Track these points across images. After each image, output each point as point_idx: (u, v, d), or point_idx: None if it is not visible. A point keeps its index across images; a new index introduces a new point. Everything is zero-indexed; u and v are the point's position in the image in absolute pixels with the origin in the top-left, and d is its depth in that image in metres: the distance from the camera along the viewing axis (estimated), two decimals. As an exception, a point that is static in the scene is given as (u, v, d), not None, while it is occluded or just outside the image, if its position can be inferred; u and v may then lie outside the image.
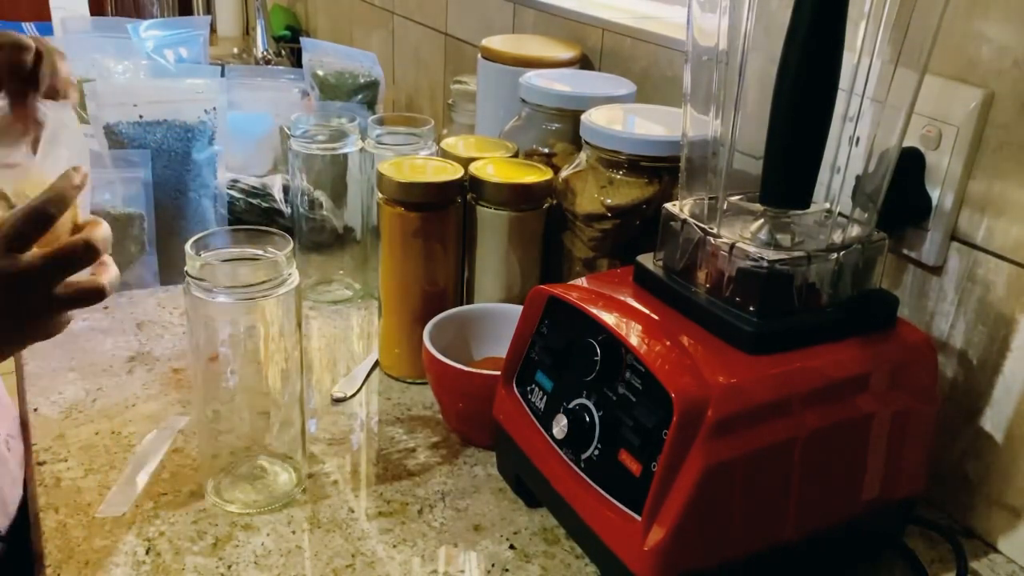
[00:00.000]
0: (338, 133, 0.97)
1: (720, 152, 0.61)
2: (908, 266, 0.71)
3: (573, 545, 0.65)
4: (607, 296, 0.64)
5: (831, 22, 0.54)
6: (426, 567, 0.63)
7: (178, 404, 0.80)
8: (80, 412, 0.78)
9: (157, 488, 0.69)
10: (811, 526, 0.59)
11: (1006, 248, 0.64)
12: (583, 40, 1.11)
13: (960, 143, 0.65)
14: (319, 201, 1.01)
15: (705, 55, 0.60)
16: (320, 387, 0.85)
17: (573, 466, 0.61)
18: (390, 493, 0.70)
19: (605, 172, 0.79)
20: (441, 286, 0.83)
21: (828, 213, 0.61)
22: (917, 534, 0.68)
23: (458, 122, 1.20)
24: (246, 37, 2.45)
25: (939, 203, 0.67)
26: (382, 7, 1.76)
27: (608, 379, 0.59)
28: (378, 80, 1.39)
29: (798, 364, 0.57)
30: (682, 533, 0.54)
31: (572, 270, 0.83)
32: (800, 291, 0.59)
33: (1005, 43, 0.62)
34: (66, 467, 0.71)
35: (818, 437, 0.57)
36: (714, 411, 0.53)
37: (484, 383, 0.71)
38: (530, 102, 0.93)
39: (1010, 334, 0.65)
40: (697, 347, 0.58)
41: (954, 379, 0.69)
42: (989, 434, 0.67)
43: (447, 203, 0.81)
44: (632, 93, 0.94)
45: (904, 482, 0.63)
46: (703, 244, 0.61)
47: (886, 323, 0.62)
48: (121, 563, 0.62)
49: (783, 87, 0.56)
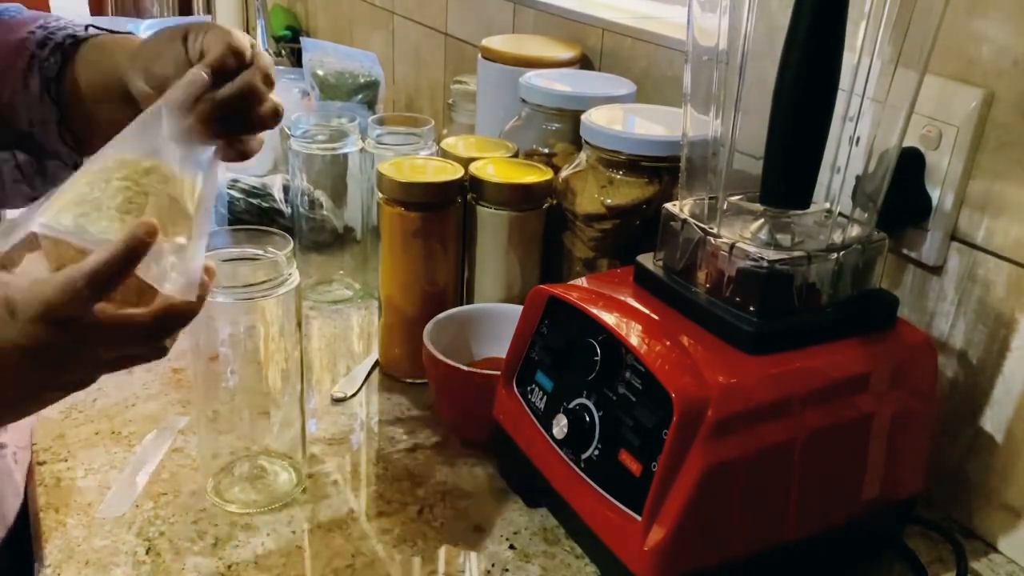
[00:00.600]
0: (338, 133, 0.97)
1: (720, 152, 0.61)
2: (908, 266, 0.71)
3: (573, 545, 0.65)
4: (607, 296, 0.64)
5: (831, 22, 0.54)
6: (426, 567, 0.63)
7: (178, 404, 0.80)
8: (80, 412, 0.78)
9: (157, 488, 0.69)
10: (811, 526, 0.59)
11: (1006, 248, 0.64)
12: (583, 40, 1.11)
13: (960, 143, 0.65)
14: (319, 201, 1.01)
15: (705, 55, 0.60)
16: (320, 387, 0.85)
17: (573, 466, 0.61)
18: (390, 493, 0.70)
19: (605, 172, 0.79)
20: (441, 286, 0.83)
21: (828, 213, 0.61)
22: (917, 534, 0.68)
23: (458, 122, 1.20)
24: (246, 37, 2.45)
25: (939, 203, 0.67)
26: (382, 7, 1.76)
27: (608, 379, 0.59)
28: (378, 80, 1.39)
29: (798, 364, 0.57)
30: (682, 533, 0.54)
31: (572, 270, 0.83)
32: (800, 291, 0.59)
33: (1005, 43, 0.62)
34: (66, 467, 0.71)
35: (818, 437, 0.57)
36: (714, 411, 0.53)
37: (484, 383, 0.71)
38: (530, 102, 0.93)
39: (1010, 334, 0.65)
40: (697, 347, 0.58)
41: (954, 379, 0.69)
42: (989, 434, 0.67)
43: (447, 203, 0.81)
44: (632, 93, 0.94)
45: (904, 482, 0.63)
46: (703, 244, 0.61)
47: (886, 323, 0.62)
48: (121, 563, 0.62)
49: (783, 87, 0.56)
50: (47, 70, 0.63)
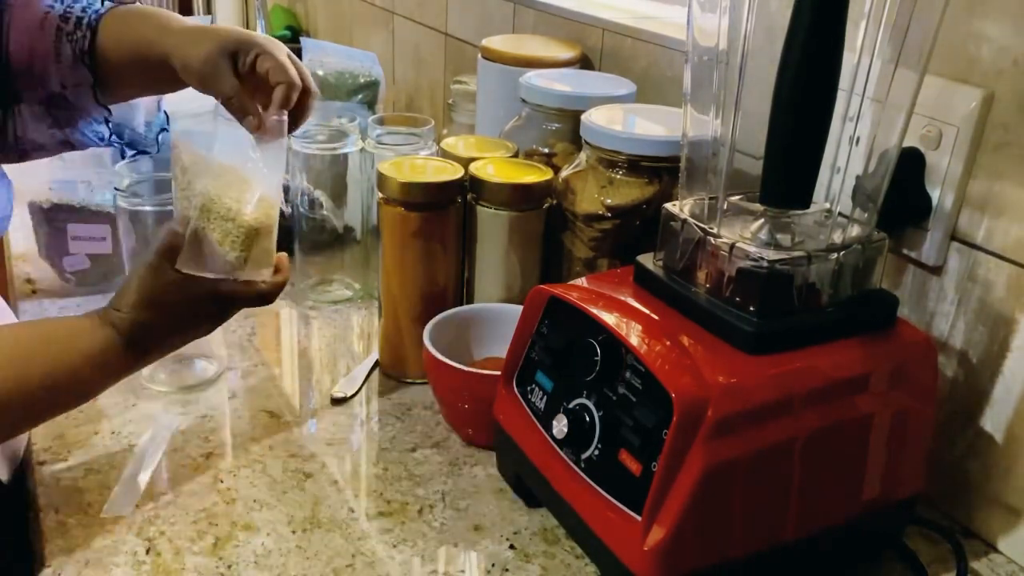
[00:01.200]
0: (338, 133, 0.97)
1: (720, 152, 0.61)
2: (908, 266, 0.71)
3: (573, 545, 0.65)
4: (607, 296, 0.64)
5: (831, 22, 0.54)
6: (426, 567, 0.63)
7: (178, 404, 0.80)
8: (80, 412, 0.77)
9: (157, 488, 0.69)
10: (811, 526, 0.59)
11: (1006, 248, 0.64)
12: (583, 40, 1.11)
13: (960, 143, 0.65)
14: (319, 201, 1.01)
15: (705, 55, 0.60)
16: (320, 387, 0.85)
17: (573, 466, 0.61)
18: (390, 493, 0.70)
19: (605, 172, 0.79)
20: (441, 286, 0.83)
21: (828, 213, 0.61)
22: (917, 534, 0.68)
23: (458, 122, 1.20)
24: (246, 37, 2.45)
25: (939, 203, 0.67)
26: (382, 7, 1.76)
27: (608, 379, 0.59)
28: (378, 80, 1.39)
29: (798, 364, 0.57)
30: (682, 533, 0.54)
31: (572, 270, 0.82)
32: (800, 291, 0.59)
33: (1005, 43, 0.62)
34: (66, 467, 0.71)
35: (818, 437, 0.57)
36: (714, 411, 0.53)
37: (484, 383, 0.71)
38: (530, 102, 0.93)
39: (1010, 334, 0.65)
40: (697, 347, 0.58)
41: (954, 379, 0.69)
42: (989, 434, 0.67)
43: (447, 203, 0.81)
44: (632, 93, 0.94)
45: (904, 482, 0.63)
46: (703, 244, 0.61)
47: (886, 323, 0.62)
48: (121, 563, 0.62)
49: (783, 87, 0.56)
50: (78, 42, 0.75)
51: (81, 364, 0.61)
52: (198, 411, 0.79)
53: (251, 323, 0.95)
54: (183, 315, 0.65)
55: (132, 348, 0.63)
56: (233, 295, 0.65)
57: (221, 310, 0.67)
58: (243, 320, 0.95)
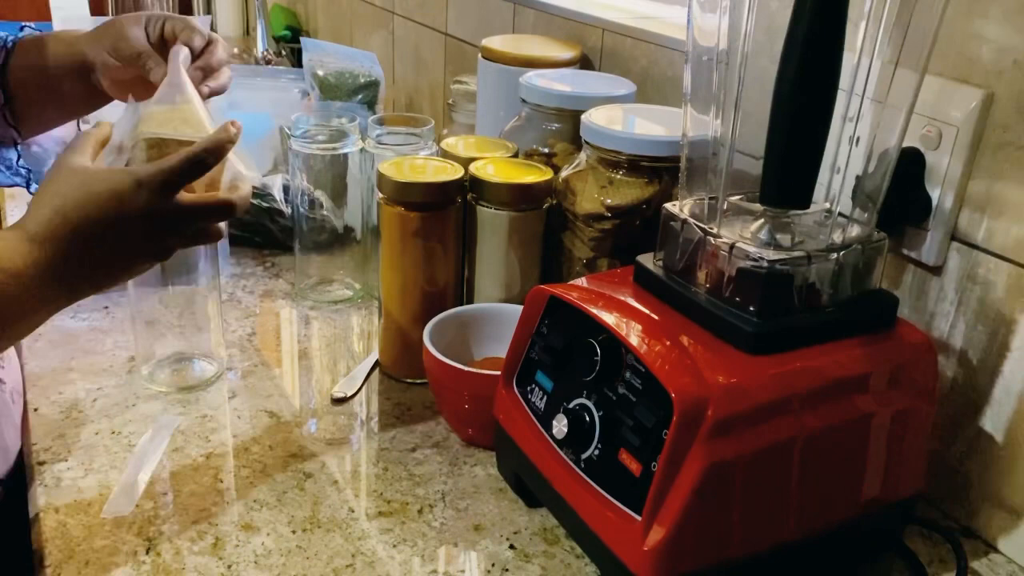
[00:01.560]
0: (338, 133, 0.97)
1: (720, 152, 0.61)
2: (908, 266, 0.71)
3: (573, 545, 0.65)
4: (607, 296, 0.64)
5: (831, 22, 0.54)
6: (426, 567, 0.63)
7: (178, 404, 0.80)
8: (80, 412, 0.78)
9: (157, 488, 0.69)
10: (811, 526, 0.59)
11: (1006, 248, 0.64)
12: (583, 40, 1.11)
13: (960, 143, 0.65)
14: (319, 201, 1.01)
15: (705, 55, 0.60)
16: (320, 387, 0.85)
17: (573, 466, 0.61)
18: (390, 493, 0.70)
19: (605, 172, 0.79)
20: (441, 286, 0.83)
21: (828, 213, 0.61)
22: (917, 534, 0.68)
23: (458, 122, 1.20)
24: (246, 37, 2.45)
25: (939, 203, 0.67)
26: (382, 7, 1.76)
27: (608, 379, 0.59)
28: (378, 80, 1.39)
29: (798, 364, 0.57)
30: (682, 533, 0.54)
31: (572, 270, 0.83)
32: (800, 291, 0.59)
33: (1005, 43, 0.62)
34: (66, 467, 0.71)
35: (818, 437, 0.57)
36: (714, 411, 0.53)
37: (484, 383, 0.71)
38: (530, 102, 0.93)
39: (1010, 334, 0.65)
40: (697, 347, 0.58)
41: (954, 379, 0.69)
42: (989, 434, 0.67)
43: (447, 203, 0.81)
44: (632, 93, 0.94)
45: (904, 482, 0.63)
46: (703, 244, 0.61)
47: (886, 323, 0.62)
48: (121, 563, 0.62)
49: (783, 87, 0.56)
50: None
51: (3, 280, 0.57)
52: (198, 411, 0.79)
53: (251, 323, 0.95)
54: (106, 210, 0.59)
55: (54, 259, 0.58)
56: (150, 181, 0.59)
57: (150, 215, 0.60)
58: (243, 320, 0.95)
